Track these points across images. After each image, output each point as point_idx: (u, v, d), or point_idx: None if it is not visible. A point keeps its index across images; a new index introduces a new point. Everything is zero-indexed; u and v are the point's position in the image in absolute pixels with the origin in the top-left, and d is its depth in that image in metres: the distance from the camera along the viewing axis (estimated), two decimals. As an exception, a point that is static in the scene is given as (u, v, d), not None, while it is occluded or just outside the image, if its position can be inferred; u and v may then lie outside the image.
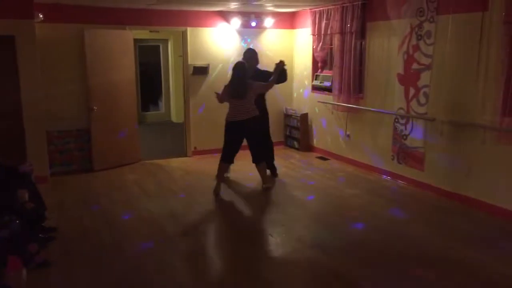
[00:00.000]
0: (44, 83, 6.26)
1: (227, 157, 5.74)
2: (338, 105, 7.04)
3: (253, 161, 5.79)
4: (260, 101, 5.88)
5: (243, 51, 7.81)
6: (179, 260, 3.91)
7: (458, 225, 4.63)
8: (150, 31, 9.83)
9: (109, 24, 6.80)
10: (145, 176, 6.59)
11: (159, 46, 11.27)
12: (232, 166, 6.20)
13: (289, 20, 8.15)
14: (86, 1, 6.30)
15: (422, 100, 5.61)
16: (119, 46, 6.86)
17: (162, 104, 11.77)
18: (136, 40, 9.22)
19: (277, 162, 6.57)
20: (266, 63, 6.34)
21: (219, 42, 7.66)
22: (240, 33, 7.78)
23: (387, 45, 6.12)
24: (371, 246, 4.17)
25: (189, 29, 7.38)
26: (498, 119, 4.62)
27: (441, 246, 4.13)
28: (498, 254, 3.97)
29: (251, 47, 6.94)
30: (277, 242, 4.32)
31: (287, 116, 8.37)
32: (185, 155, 7.77)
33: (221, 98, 5.62)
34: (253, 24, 7.71)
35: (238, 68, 5.50)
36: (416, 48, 5.62)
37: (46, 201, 4.52)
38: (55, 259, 3.88)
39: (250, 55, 6.12)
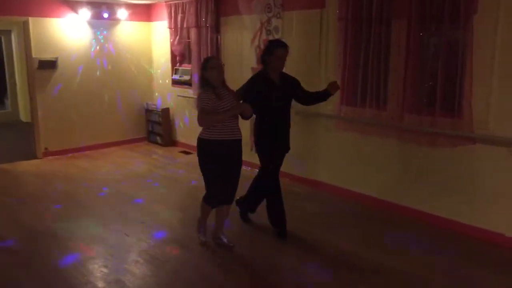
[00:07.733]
0: None
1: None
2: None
3: None
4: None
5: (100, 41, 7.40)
6: (24, 274, 3.57)
7: (305, 206, 5.02)
8: (-12, 21, 8.72)
9: None
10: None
11: (0, 38, 10.08)
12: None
13: (145, 12, 7.91)
14: None
15: (274, 92, 5.90)
16: None
17: (8, 102, 10.57)
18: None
19: (140, 160, 6.27)
20: (124, 57, 5.98)
21: (69, 33, 7.09)
22: (92, 24, 7.31)
23: (241, 39, 6.30)
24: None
25: (31, 19, 6.69)
26: (337, 107, 5.08)
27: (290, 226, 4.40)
28: (339, 232, 4.39)
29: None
30: (134, 241, 4.19)
31: (149, 111, 8.14)
32: (35, 157, 7.09)
33: None
34: (105, 15, 7.31)
35: None
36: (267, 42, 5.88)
37: None
38: None
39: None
